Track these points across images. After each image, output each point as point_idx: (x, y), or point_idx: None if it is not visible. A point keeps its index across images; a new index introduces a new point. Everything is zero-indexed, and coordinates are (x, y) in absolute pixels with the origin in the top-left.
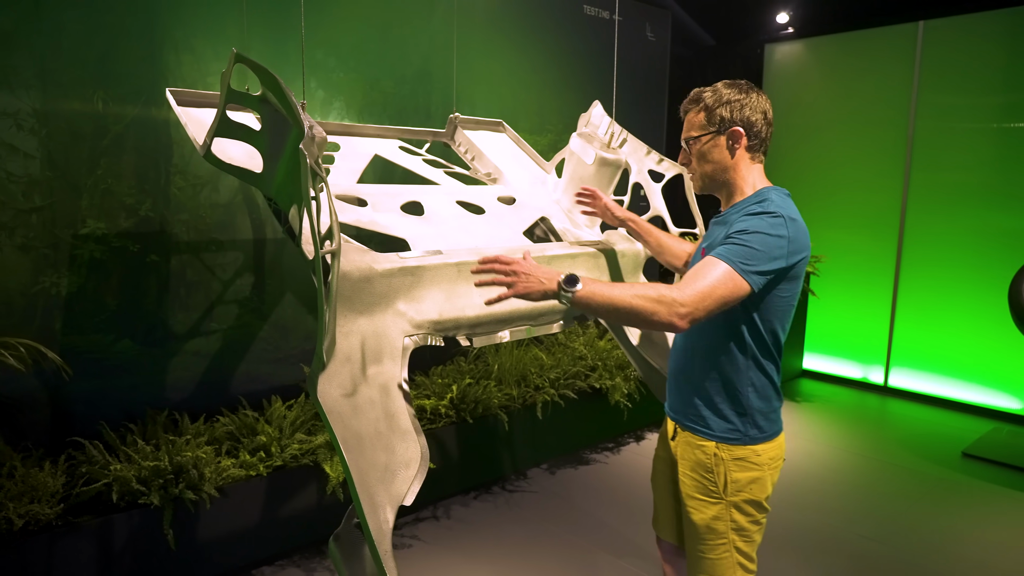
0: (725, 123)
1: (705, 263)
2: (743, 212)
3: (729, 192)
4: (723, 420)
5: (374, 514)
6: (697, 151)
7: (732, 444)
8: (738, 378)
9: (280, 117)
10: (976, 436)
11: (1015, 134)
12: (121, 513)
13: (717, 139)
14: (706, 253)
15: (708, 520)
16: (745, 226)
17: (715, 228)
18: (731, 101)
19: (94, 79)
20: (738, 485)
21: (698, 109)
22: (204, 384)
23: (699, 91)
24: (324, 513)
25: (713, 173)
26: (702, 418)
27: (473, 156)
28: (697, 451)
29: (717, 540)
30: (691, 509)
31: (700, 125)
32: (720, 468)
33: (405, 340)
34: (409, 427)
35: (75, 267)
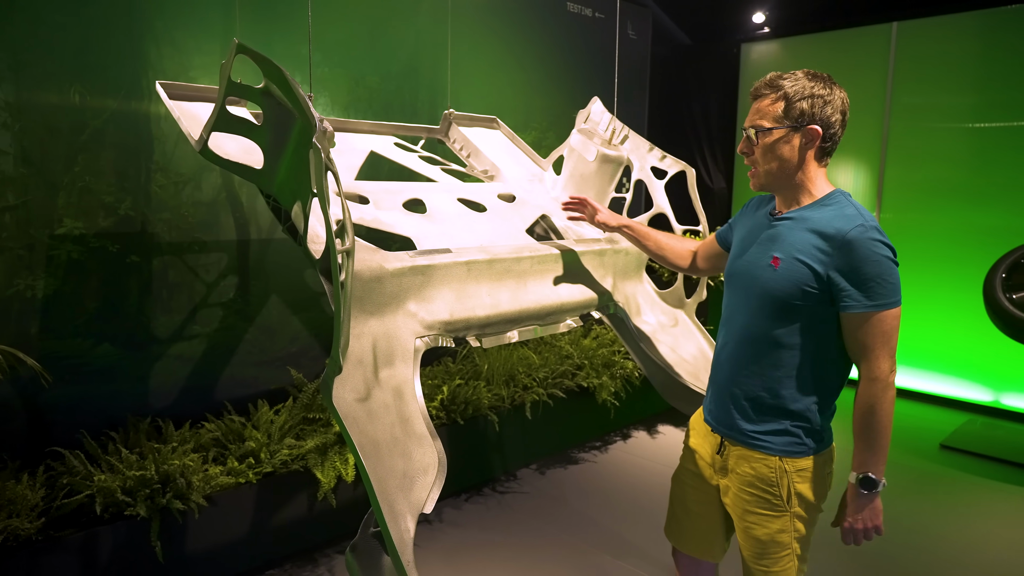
0: (804, 118)
1: (867, 324)
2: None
3: (793, 193)
4: (786, 434)
5: (395, 523)
6: (765, 144)
7: (796, 457)
8: (803, 389)
9: (283, 111)
10: (951, 428)
11: (986, 133)
12: (106, 526)
13: (791, 135)
14: (780, 263)
15: (773, 534)
16: (870, 262)
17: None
18: (814, 95)
19: (71, 71)
20: (802, 496)
21: (776, 97)
22: (188, 389)
23: (776, 76)
24: (316, 520)
25: (778, 171)
26: (763, 432)
27: (469, 153)
28: (757, 465)
29: (782, 552)
30: (752, 524)
31: (775, 116)
32: (784, 481)
33: (416, 341)
34: (425, 431)
35: (52, 268)
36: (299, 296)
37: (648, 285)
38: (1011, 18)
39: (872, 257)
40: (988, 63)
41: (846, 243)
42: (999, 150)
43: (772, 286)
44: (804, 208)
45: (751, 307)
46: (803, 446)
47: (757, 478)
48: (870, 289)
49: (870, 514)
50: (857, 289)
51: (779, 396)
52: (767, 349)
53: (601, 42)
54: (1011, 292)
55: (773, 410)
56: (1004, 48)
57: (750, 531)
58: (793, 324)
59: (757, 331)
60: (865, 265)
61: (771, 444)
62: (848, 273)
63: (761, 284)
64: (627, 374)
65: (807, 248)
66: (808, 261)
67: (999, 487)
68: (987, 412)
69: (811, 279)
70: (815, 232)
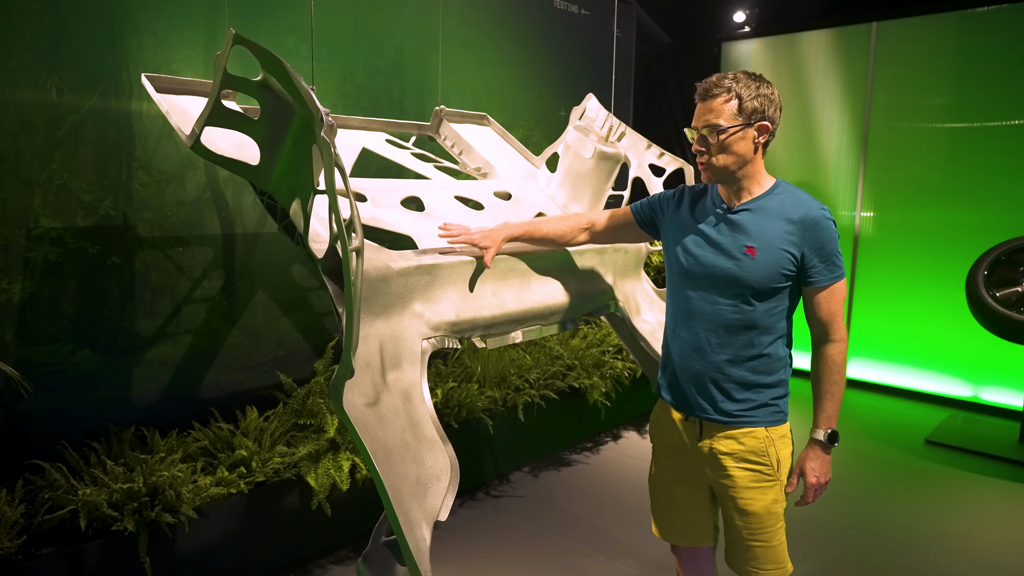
0: (756, 116)
1: (828, 295)
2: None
3: (744, 184)
4: (767, 405)
5: (411, 532)
6: (722, 141)
7: (778, 424)
8: (776, 362)
9: (281, 105)
10: (934, 423)
11: (964, 133)
12: (91, 542)
13: (746, 132)
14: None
15: (768, 505)
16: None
17: (746, 220)
18: (762, 95)
19: (47, 64)
20: (785, 461)
21: (728, 97)
22: (172, 396)
23: (722, 77)
24: (310, 529)
25: (733, 165)
26: (749, 408)
27: (461, 150)
28: (746, 440)
29: (777, 523)
30: (748, 500)
31: (731, 115)
32: (771, 450)
33: (423, 343)
34: (435, 436)
35: (28, 271)
36: (286, 297)
37: (647, 284)
38: (988, 20)
39: (832, 235)
40: (965, 64)
41: (813, 224)
42: (977, 149)
43: (752, 274)
44: (759, 198)
45: (725, 297)
46: (781, 412)
47: (749, 451)
48: (832, 263)
49: (827, 468)
50: (823, 264)
51: (758, 372)
52: (743, 333)
53: (587, 39)
54: (993, 289)
55: (754, 387)
56: (981, 49)
57: (748, 507)
58: (768, 306)
59: (733, 319)
60: (828, 243)
61: (756, 417)
62: (817, 251)
63: (736, 274)
64: (617, 374)
65: (781, 234)
66: (785, 247)
67: (984, 481)
68: (967, 407)
69: (790, 262)
70: (783, 219)
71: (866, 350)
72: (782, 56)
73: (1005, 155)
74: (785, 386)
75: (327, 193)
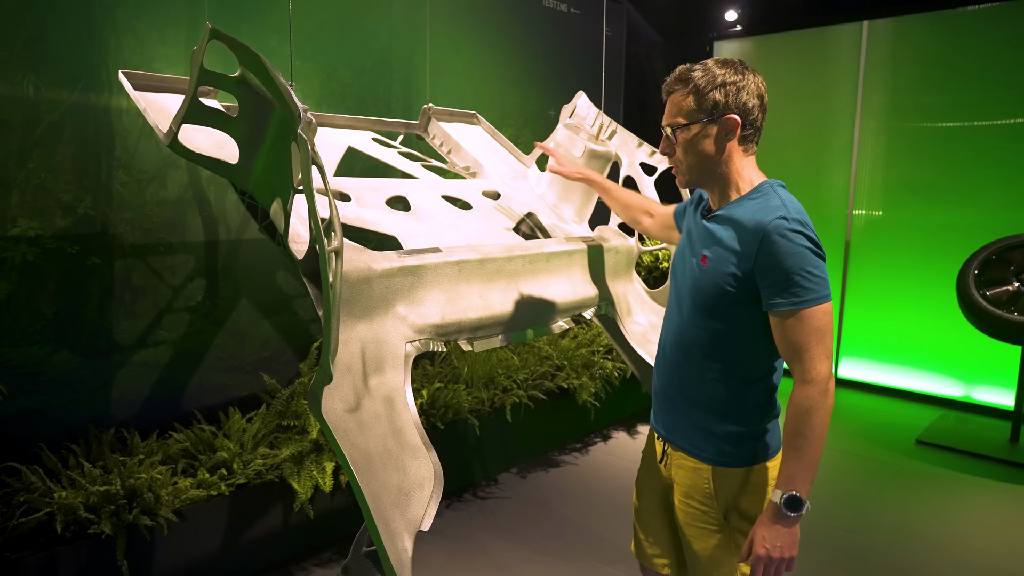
0: (719, 109)
1: (792, 324)
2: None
3: (722, 187)
4: (721, 440)
5: (392, 542)
6: (684, 140)
7: (731, 467)
8: (735, 396)
9: (260, 102)
10: (925, 423)
11: (956, 132)
12: (67, 545)
13: (708, 128)
14: (707, 261)
15: (710, 550)
16: (788, 255)
17: (715, 228)
18: (726, 83)
19: (23, 61)
20: (741, 509)
21: (686, 91)
22: (154, 398)
23: (686, 69)
24: (292, 532)
25: (702, 166)
26: (698, 438)
27: (450, 149)
28: (691, 474)
29: (722, 569)
30: (692, 538)
31: (689, 111)
32: (718, 491)
33: (407, 346)
34: (418, 442)
35: (5, 272)
36: (270, 299)
37: (638, 285)
38: (978, 18)
39: (792, 250)
40: (957, 62)
41: (765, 236)
42: (968, 148)
43: (699, 286)
44: (732, 204)
45: (683, 307)
46: (739, 456)
47: (691, 487)
48: (795, 284)
49: (789, 541)
50: (781, 285)
51: (710, 401)
52: (698, 351)
53: (577, 38)
54: (984, 288)
55: (704, 416)
56: (972, 48)
57: (692, 544)
58: (720, 324)
59: (688, 332)
60: (786, 259)
61: (702, 451)
62: (770, 269)
63: (691, 284)
64: (606, 374)
65: (731, 246)
66: (730, 260)
67: (975, 481)
68: (958, 407)
69: (731, 278)
70: (736, 227)
71: (857, 349)
72: (773, 55)
73: (996, 154)
74: (751, 426)
75: (304, 192)
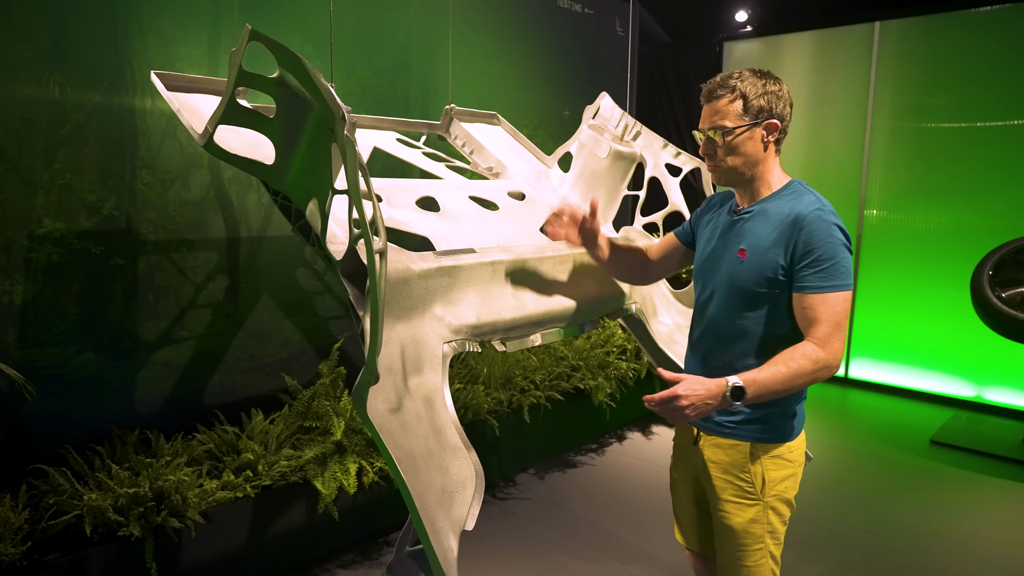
0: (763, 114)
1: (818, 303)
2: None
3: (755, 186)
4: (758, 421)
5: (438, 542)
6: (728, 143)
7: (768, 443)
8: None
9: (298, 102)
10: (937, 423)
11: (967, 133)
12: (96, 547)
13: (753, 131)
14: (747, 254)
15: (745, 524)
16: (821, 242)
17: (750, 223)
18: (768, 92)
19: (49, 61)
20: (774, 484)
21: (732, 97)
22: (176, 399)
23: (726, 77)
24: (315, 533)
25: (742, 167)
26: (735, 420)
27: (472, 149)
28: (730, 451)
29: (755, 545)
30: (725, 513)
31: (736, 115)
32: (756, 467)
33: (444, 347)
34: (458, 442)
35: (30, 272)
36: (290, 298)
37: (663, 285)
38: (991, 19)
39: (828, 238)
40: (969, 63)
41: (804, 223)
42: (980, 149)
43: (739, 277)
44: (764, 200)
45: (719, 300)
46: (774, 432)
47: (731, 464)
48: (825, 271)
49: (703, 406)
50: (812, 270)
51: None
52: (736, 339)
53: (591, 38)
54: (999, 289)
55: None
56: (984, 49)
57: (724, 520)
58: (759, 312)
59: (725, 322)
60: (822, 245)
61: (743, 431)
62: (805, 255)
63: (728, 277)
64: (621, 375)
65: (772, 237)
66: (774, 250)
67: (991, 481)
68: (970, 407)
69: (778, 268)
70: (775, 220)
71: (868, 349)
72: (785, 56)
73: (1008, 155)
74: (785, 405)
75: (349, 194)
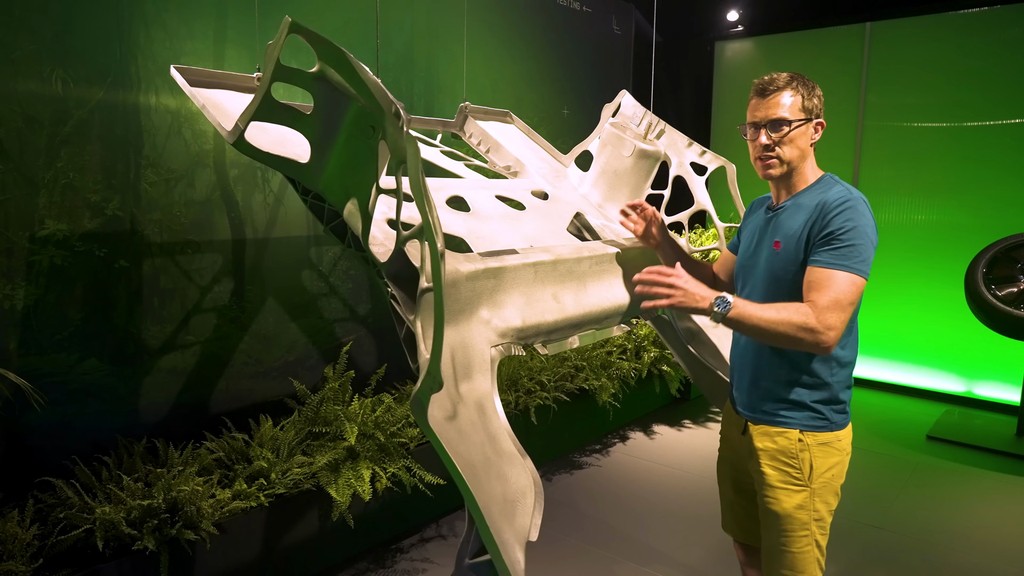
0: (814, 113)
1: (824, 277)
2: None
3: (793, 181)
4: (807, 408)
5: (507, 554)
6: (789, 135)
7: (817, 431)
8: (824, 365)
9: (337, 98)
10: (931, 419)
11: (957, 133)
12: (109, 562)
13: (807, 127)
14: (780, 245)
15: (791, 509)
16: (841, 224)
17: (783, 217)
18: (817, 95)
19: (52, 56)
20: (822, 471)
21: (793, 92)
22: (182, 406)
23: (779, 75)
24: (331, 541)
25: (795, 160)
26: (785, 408)
27: (488, 148)
28: (779, 439)
29: (800, 531)
30: (772, 499)
31: (798, 108)
32: (804, 454)
33: (491, 351)
34: (513, 449)
35: (32, 275)
36: (295, 301)
37: None
38: (981, 20)
39: (848, 223)
40: (960, 64)
41: (828, 209)
42: (970, 149)
43: (775, 267)
44: (798, 194)
45: (761, 293)
46: (824, 420)
47: (779, 451)
48: (838, 250)
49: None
50: (826, 247)
51: (798, 373)
52: None
53: (589, 36)
54: (993, 286)
55: (793, 387)
56: (975, 49)
57: (770, 506)
58: (790, 298)
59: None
60: (840, 229)
61: (791, 418)
62: (822, 233)
63: (766, 269)
64: (624, 374)
65: (802, 224)
66: (801, 235)
67: (989, 475)
68: (961, 402)
69: (803, 251)
70: (807, 209)
71: (863, 347)
72: (776, 55)
73: (997, 154)
74: (831, 392)
75: (413, 192)
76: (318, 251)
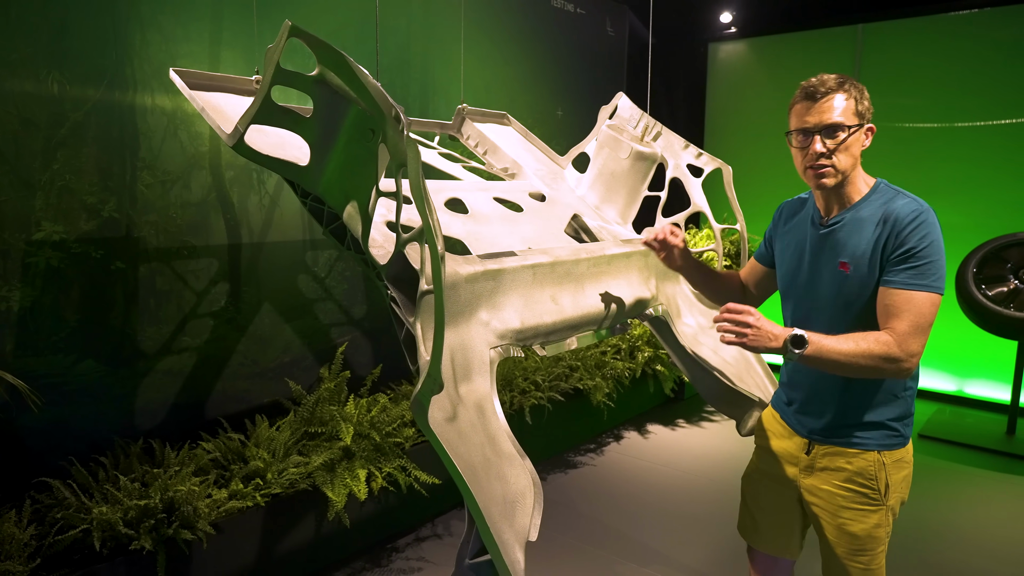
0: (866, 117)
1: (903, 301)
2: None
3: (846, 191)
4: (884, 428)
5: (507, 554)
6: (845, 141)
7: (893, 449)
8: (900, 382)
9: (336, 101)
10: (923, 418)
11: (948, 134)
12: (106, 562)
13: (859, 132)
14: (850, 267)
15: (870, 529)
16: (918, 241)
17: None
18: (867, 98)
19: (48, 57)
20: (896, 486)
21: (846, 95)
22: (178, 406)
23: (828, 76)
24: (327, 540)
25: (849, 169)
26: (861, 429)
27: (486, 150)
28: (855, 460)
29: (877, 548)
30: (848, 521)
31: (853, 112)
32: (881, 474)
33: (490, 352)
34: (512, 450)
35: (28, 277)
36: (291, 303)
37: (685, 286)
38: (972, 22)
39: (922, 234)
40: (951, 65)
41: (899, 224)
42: (960, 149)
43: (848, 292)
44: (854, 207)
45: (828, 318)
46: (899, 437)
47: (856, 473)
48: (916, 269)
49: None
50: (903, 266)
51: (874, 392)
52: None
53: (583, 38)
54: (984, 286)
55: (866, 408)
56: (966, 51)
57: (847, 527)
58: (874, 320)
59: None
60: (916, 244)
61: (869, 439)
62: (897, 250)
63: (836, 294)
64: (618, 374)
65: (871, 243)
66: (874, 255)
67: (980, 473)
68: (951, 401)
69: (878, 271)
70: (871, 224)
71: None
72: (769, 57)
73: (989, 155)
74: (904, 407)
75: (413, 195)
76: (314, 253)
